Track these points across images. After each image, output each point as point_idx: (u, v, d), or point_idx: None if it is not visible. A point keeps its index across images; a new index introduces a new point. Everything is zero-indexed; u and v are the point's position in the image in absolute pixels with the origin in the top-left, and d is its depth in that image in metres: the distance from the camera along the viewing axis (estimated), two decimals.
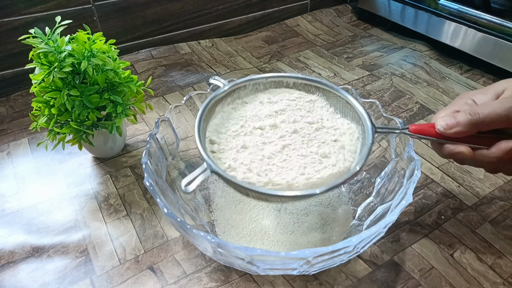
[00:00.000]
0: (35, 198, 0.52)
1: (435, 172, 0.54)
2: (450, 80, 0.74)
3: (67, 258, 0.44)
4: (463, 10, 0.78)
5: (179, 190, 0.47)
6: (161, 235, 0.47)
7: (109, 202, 0.51)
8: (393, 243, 0.45)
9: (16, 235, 0.47)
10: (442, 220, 0.48)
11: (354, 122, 0.42)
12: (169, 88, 0.73)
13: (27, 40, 0.46)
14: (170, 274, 0.43)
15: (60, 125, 0.49)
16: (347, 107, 0.43)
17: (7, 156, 0.58)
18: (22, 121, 0.65)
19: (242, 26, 0.93)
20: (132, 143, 0.60)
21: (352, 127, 0.42)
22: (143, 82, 0.54)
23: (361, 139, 0.41)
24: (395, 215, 0.36)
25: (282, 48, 0.86)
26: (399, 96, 0.70)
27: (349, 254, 0.36)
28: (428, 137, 0.39)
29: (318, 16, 0.99)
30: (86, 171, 0.56)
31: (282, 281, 0.42)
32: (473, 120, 0.37)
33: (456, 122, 0.38)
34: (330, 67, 0.79)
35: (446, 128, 0.38)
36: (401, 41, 0.87)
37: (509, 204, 0.49)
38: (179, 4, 0.83)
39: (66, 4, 0.72)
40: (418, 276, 0.42)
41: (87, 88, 0.47)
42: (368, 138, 0.39)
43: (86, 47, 0.47)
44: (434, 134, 0.39)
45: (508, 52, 0.69)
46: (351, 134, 0.41)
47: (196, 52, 0.84)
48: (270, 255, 0.34)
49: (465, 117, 0.37)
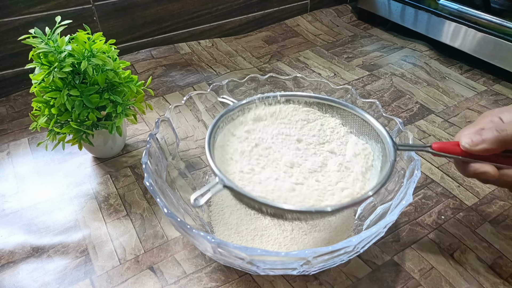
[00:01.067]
0: (35, 198, 0.52)
1: (435, 172, 0.54)
2: (450, 80, 0.74)
3: (67, 258, 0.44)
4: (463, 10, 0.78)
5: (179, 190, 0.47)
6: (161, 235, 0.47)
7: (109, 202, 0.51)
8: (393, 243, 0.45)
9: (16, 235, 0.47)
10: (442, 220, 0.48)
11: (372, 140, 0.41)
12: (169, 88, 0.73)
13: (27, 40, 0.46)
14: (170, 274, 0.43)
15: (60, 125, 0.49)
16: (364, 126, 0.42)
17: (7, 156, 0.58)
18: (22, 121, 0.65)
19: (242, 26, 0.93)
20: (132, 143, 0.60)
21: (368, 148, 0.41)
22: (143, 82, 0.54)
23: (382, 157, 0.40)
24: (395, 215, 0.36)
25: (282, 48, 0.86)
26: (399, 96, 0.70)
27: (349, 254, 0.36)
28: (452, 155, 0.38)
29: (318, 16, 0.99)
30: (86, 171, 0.56)
31: (282, 281, 0.42)
32: (500, 137, 0.35)
33: (482, 139, 0.36)
34: (330, 67, 0.79)
35: (471, 145, 0.36)
36: (401, 41, 0.87)
37: (509, 204, 0.49)
38: (179, 4, 0.83)
39: (66, 4, 0.72)
40: (418, 276, 0.42)
41: (87, 88, 0.47)
42: (390, 156, 0.38)
43: (86, 47, 0.47)
44: (459, 152, 0.37)
45: (508, 52, 0.69)
46: (366, 156, 0.41)
47: (196, 52, 0.84)
48: (270, 255, 0.34)
49: (492, 134, 0.36)
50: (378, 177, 0.39)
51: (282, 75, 0.54)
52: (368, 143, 0.42)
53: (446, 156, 0.38)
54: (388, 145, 0.39)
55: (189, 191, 0.48)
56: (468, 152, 0.37)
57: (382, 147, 0.40)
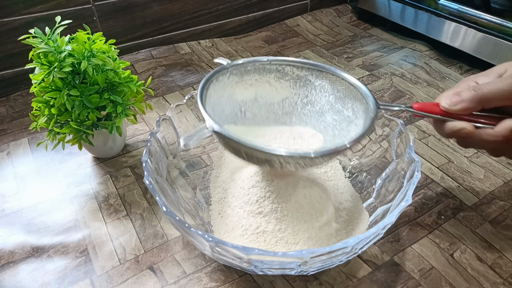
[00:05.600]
0: (35, 198, 0.52)
1: (435, 172, 0.54)
2: (450, 80, 0.74)
3: (67, 258, 0.45)
4: (463, 10, 0.78)
5: (179, 189, 0.47)
6: (161, 235, 0.47)
7: (109, 202, 0.51)
8: (393, 243, 0.45)
9: (16, 235, 0.47)
10: (442, 220, 0.48)
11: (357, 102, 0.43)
12: (169, 88, 0.73)
13: (27, 40, 0.46)
14: (170, 274, 0.43)
15: (60, 125, 0.49)
16: (350, 89, 0.44)
17: (7, 156, 0.59)
18: (22, 121, 0.65)
19: (242, 26, 0.93)
20: (132, 143, 0.60)
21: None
22: (143, 82, 0.54)
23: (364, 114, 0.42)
24: (394, 216, 0.36)
25: (282, 48, 0.86)
26: (399, 96, 0.70)
27: (348, 255, 0.36)
28: (431, 114, 0.39)
29: (318, 16, 0.99)
30: (86, 171, 0.56)
31: (282, 281, 0.42)
32: (477, 95, 0.37)
33: (460, 99, 0.38)
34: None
35: (450, 105, 0.38)
36: (401, 41, 0.87)
37: (509, 204, 0.49)
38: (179, 4, 0.83)
39: (66, 4, 0.72)
40: (418, 276, 0.42)
41: (87, 88, 0.47)
42: (371, 112, 0.40)
43: (86, 47, 0.48)
44: (438, 112, 0.39)
45: (508, 52, 0.69)
46: None
47: (196, 52, 0.84)
48: (267, 255, 0.34)
49: (469, 93, 0.38)
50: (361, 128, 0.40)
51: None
52: (354, 105, 0.44)
53: (426, 116, 0.40)
54: (371, 104, 0.40)
55: (189, 190, 0.48)
56: (447, 111, 0.39)
57: (366, 107, 0.41)
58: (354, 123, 0.43)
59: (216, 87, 0.44)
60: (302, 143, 0.46)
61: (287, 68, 0.47)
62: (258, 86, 0.47)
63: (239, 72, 0.46)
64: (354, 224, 0.45)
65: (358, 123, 0.42)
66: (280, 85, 0.48)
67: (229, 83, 0.45)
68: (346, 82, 0.44)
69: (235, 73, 0.46)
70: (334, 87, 0.46)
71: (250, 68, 0.46)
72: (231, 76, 0.45)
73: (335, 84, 0.45)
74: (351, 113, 0.44)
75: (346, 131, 0.44)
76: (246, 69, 0.46)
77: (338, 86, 0.45)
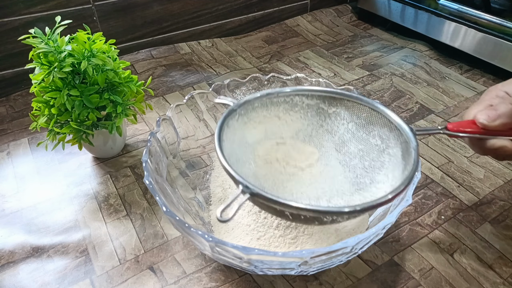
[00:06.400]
0: (35, 198, 0.52)
1: (435, 172, 0.54)
2: (450, 80, 0.74)
3: (67, 258, 0.45)
4: (463, 10, 0.78)
5: (179, 189, 0.47)
6: (161, 235, 0.47)
7: (109, 202, 0.51)
8: (393, 243, 0.45)
9: (16, 235, 0.47)
10: (442, 220, 0.48)
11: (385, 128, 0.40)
12: (169, 88, 0.73)
13: (27, 40, 0.46)
14: (170, 274, 0.43)
15: (60, 125, 0.49)
16: (373, 115, 0.41)
17: (7, 156, 0.59)
18: (22, 121, 0.65)
19: (242, 26, 0.93)
20: (132, 143, 0.60)
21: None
22: (143, 82, 0.54)
23: (401, 145, 0.39)
24: (394, 216, 0.36)
25: (282, 48, 0.86)
26: (399, 96, 0.70)
27: (347, 255, 0.36)
28: (469, 134, 0.37)
29: (318, 16, 0.99)
30: (86, 171, 0.56)
31: (282, 281, 0.42)
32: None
33: (498, 114, 0.36)
34: (330, 67, 0.79)
35: (489, 121, 0.36)
36: (401, 41, 0.87)
37: (509, 204, 0.49)
38: (179, 4, 0.83)
39: (66, 4, 0.72)
40: (418, 276, 0.42)
41: (87, 88, 0.47)
42: (411, 143, 0.37)
43: (86, 47, 0.48)
44: (475, 130, 0.37)
45: (508, 52, 0.69)
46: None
47: (196, 52, 0.84)
48: (267, 254, 0.33)
49: (506, 107, 0.36)
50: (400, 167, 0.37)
51: (282, 75, 0.54)
52: (380, 132, 0.41)
53: (463, 136, 0.38)
54: (406, 132, 0.37)
55: (189, 190, 0.48)
56: (485, 128, 0.36)
57: (396, 134, 0.39)
58: (386, 152, 0.40)
59: (228, 135, 0.39)
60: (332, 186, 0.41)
61: (295, 98, 0.44)
62: (267, 122, 0.44)
63: (246, 111, 0.42)
64: (354, 224, 0.45)
65: (392, 153, 0.39)
66: (290, 117, 0.44)
67: (239, 126, 0.42)
68: (366, 107, 0.41)
69: (243, 113, 0.42)
70: (353, 113, 0.42)
71: (257, 105, 0.43)
72: (239, 118, 0.42)
73: (353, 109, 0.42)
74: (380, 141, 0.41)
75: (379, 162, 0.40)
76: (253, 107, 0.42)
77: (356, 111, 0.42)
